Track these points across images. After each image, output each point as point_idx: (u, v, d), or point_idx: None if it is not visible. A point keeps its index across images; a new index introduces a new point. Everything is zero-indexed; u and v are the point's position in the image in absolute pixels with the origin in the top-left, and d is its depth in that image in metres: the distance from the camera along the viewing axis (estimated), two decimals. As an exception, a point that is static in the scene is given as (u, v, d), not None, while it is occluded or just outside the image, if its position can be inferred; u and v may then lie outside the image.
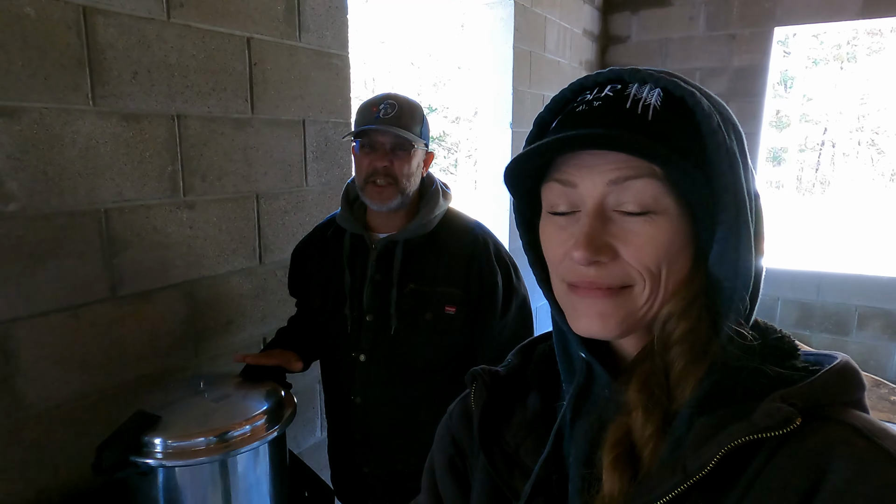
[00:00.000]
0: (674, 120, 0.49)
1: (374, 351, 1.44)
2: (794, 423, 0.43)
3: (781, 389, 0.46)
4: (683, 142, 0.49)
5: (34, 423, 1.29)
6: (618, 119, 0.49)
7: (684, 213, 0.50)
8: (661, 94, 0.50)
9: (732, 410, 0.47)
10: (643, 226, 0.49)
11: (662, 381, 0.51)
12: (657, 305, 0.51)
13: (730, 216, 0.48)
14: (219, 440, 1.17)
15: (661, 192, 0.48)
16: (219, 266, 1.66)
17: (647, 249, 0.49)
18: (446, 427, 0.69)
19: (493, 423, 0.62)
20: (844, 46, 17.94)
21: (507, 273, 1.46)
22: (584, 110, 0.52)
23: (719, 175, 0.48)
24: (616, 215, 0.50)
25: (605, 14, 4.24)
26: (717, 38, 3.96)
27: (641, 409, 0.50)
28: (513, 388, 0.65)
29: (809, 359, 0.51)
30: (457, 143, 18.34)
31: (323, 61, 1.89)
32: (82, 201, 1.33)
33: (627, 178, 0.48)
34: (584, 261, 0.49)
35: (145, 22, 1.40)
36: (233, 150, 1.65)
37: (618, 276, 0.50)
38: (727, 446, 0.44)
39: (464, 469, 0.66)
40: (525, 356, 0.67)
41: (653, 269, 0.50)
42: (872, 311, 3.84)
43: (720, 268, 0.49)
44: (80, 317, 1.34)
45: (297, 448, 2.00)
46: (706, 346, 0.50)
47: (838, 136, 19.91)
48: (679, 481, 0.45)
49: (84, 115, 1.31)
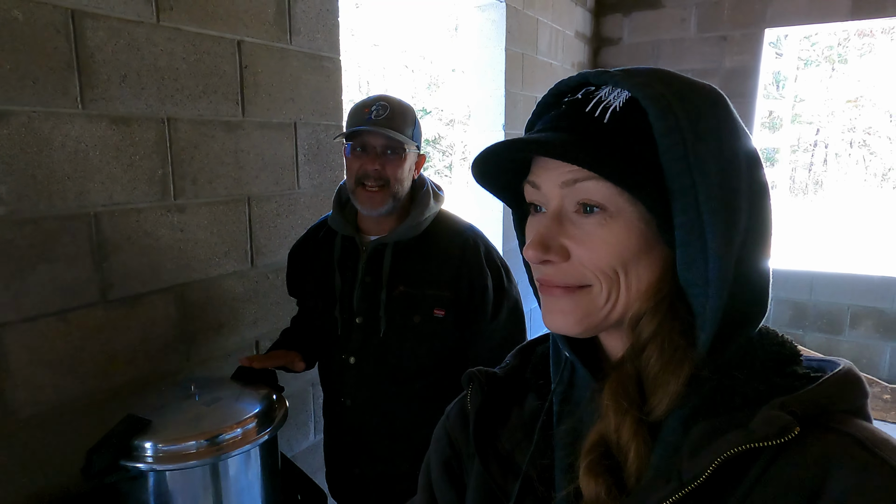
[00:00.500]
0: (632, 122, 0.48)
1: (364, 353, 1.43)
2: (792, 432, 0.42)
3: (781, 396, 0.45)
4: (639, 145, 0.48)
5: (24, 428, 1.28)
6: (570, 123, 0.50)
7: (644, 216, 0.49)
8: (628, 95, 0.49)
9: (730, 417, 0.46)
10: (596, 228, 0.49)
11: (634, 385, 0.50)
12: (620, 306, 0.51)
13: (688, 219, 0.47)
14: (210, 443, 1.17)
15: (614, 193, 0.48)
16: (210, 269, 1.65)
17: (600, 252, 0.49)
18: (444, 428, 0.68)
19: (489, 425, 0.62)
20: (836, 48, 18.07)
21: (497, 276, 1.46)
22: (553, 114, 0.53)
23: (671, 179, 0.47)
24: (575, 216, 0.51)
25: (597, 16, 4.26)
26: (708, 40, 3.98)
27: (612, 413, 0.49)
28: (510, 390, 0.65)
29: (813, 365, 0.50)
30: (451, 146, 18.35)
31: (314, 64, 1.89)
32: (72, 205, 1.32)
33: (576, 181, 0.49)
34: (534, 258, 0.51)
35: (134, 25, 1.40)
36: (224, 153, 1.65)
37: (572, 275, 0.51)
38: (723, 455, 0.43)
39: (459, 470, 0.65)
40: (524, 357, 0.67)
41: (607, 271, 0.50)
42: (864, 310, 3.86)
43: (688, 273, 0.48)
44: (70, 321, 1.34)
45: (291, 451, 2.00)
46: (682, 351, 0.49)
47: (830, 136, 20.03)
48: (674, 489, 0.45)
49: (73, 119, 1.31)
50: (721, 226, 0.46)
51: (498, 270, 1.47)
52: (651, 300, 0.50)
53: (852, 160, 20.23)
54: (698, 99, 0.49)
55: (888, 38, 17.11)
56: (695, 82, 0.50)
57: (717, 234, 0.46)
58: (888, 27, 11.17)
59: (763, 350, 0.50)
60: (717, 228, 0.46)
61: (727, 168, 0.47)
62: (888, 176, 19.96)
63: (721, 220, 0.46)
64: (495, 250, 1.50)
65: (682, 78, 0.51)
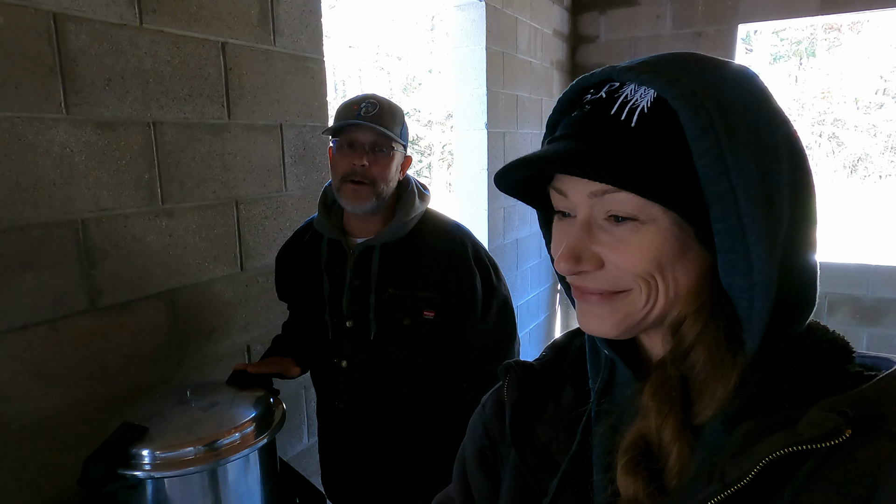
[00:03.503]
0: (662, 124, 0.45)
1: (355, 357, 1.43)
2: (842, 434, 0.40)
3: (831, 396, 0.43)
4: (670, 149, 0.45)
5: (14, 441, 1.25)
6: (595, 129, 0.48)
7: (679, 221, 0.46)
8: (655, 95, 0.46)
9: (777, 417, 0.44)
10: (629, 234, 0.47)
11: (678, 387, 0.48)
12: (658, 308, 0.49)
13: (728, 225, 0.44)
14: (208, 449, 1.16)
15: (645, 204, 0.46)
16: (200, 274, 1.64)
17: (634, 258, 0.47)
18: (480, 418, 0.67)
19: (525, 417, 0.61)
20: (803, 42, 18.46)
21: (486, 275, 1.46)
22: (576, 116, 0.51)
23: (707, 184, 0.44)
24: (605, 224, 0.49)
25: (574, 14, 4.29)
26: (683, 36, 4.04)
27: (654, 413, 0.48)
28: (547, 382, 0.63)
29: (867, 362, 0.48)
30: (430, 147, 18.35)
31: (298, 65, 1.88)
32: (58, 211, 1.30)
33: (605, 192, 0.47)
34: (567, 272, 0.49)
35: (117, 28, 1.38)
36: (210, 156, 1.63)
37: (608, 281, 0.49)
38: (768, 457, 0.41)
39: (495, 461, 0.64)
40: (561, 351, 0.66)
41: (644, 275, 0.48)
42: (841, 297, 3.95)
43: (730, 278, 0.46)
44: (59, 330, 1.31)
45: (285, 455, 1.98)
46: (730, 356, 0.47)
47: (801, 129, 20.45)
48: (716, 491, 0.42)
49: (58, 124, 1.28)
50: (763, 227, 0.44)
51: (486, 269, 1.46)
52: (692, 304, 0.49)
53: (822, 152, 20.70)
54: (730, 90, 0.45)
55: (854, 32, 17.54)
56: (725, 67, 0.47)
57: (760, 236, 0.44)
58: (855, 21, 11.45)
59: (812, 347, 0.47)
60: (759, 230, 0.44)
61: (767, 163, 0.44)
62: (857, 166, 20.45)
63: (763, 221, 0.44)
64: (483, 248, 1.50)
65: (711, 64, 0.47)
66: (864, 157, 20.13)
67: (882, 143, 19.65)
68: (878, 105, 18.88)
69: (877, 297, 3.83)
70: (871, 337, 3.91)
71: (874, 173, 20.25)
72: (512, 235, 3.61)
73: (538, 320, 4.12)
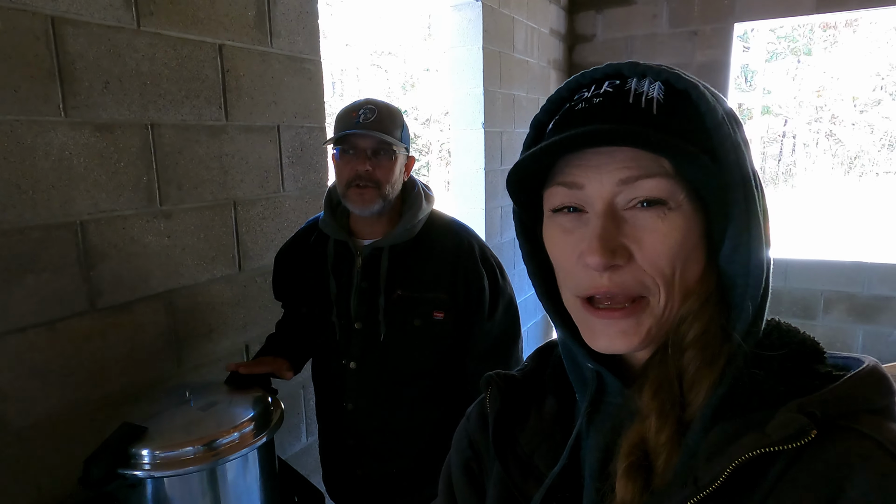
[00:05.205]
0: (679, 113, 0.47)
1: (365, 358, 1.43)
2: (808, 435, 0.41)
3: (801, 397, 0.43)
4: (691, 135, 0.46)
5: (14, 441, 1.26)
6: (623, 114, 0.47)
7: (697, 209, 0.47)
8: (663, 88, 0.48)
9: (747, 419, 0.44)
10: (657, 222, 0.46)
11: (676, 386, 0.48)
12: (675, 310, 0.49)
13: (741, 210, 0.46)
14: (207, 448, 1.17)
15: (675, 189, 0.46)
16: (199, 275, 1.65)
17: (662, 248, 0.46)
18: (464, 430, 0.67)
19: (508, 428, 0.60)
20: (801, 40, 18.48)
21: (493, 275, 1.47)
22: (584, 108, 0.49)
23: (728, 169, 0.46)
24: (628, 213, 0.47)
25: (571, 13, 4.30)
26: (679, 35, 4.05)
27: (656, 415, 0.48)
28: (529, 392, 0.63)
29: (837, 362, 0.48)
30: (427, 145, 18.35)
31: (295, 66, 1.89)
32: (57, 214, 1.31)
33: (638, 178, 0.46)
34: (600, 266, 0.46)
35: (115, 31, 1.38)
36: (208, 157, 1.64)
37: (632, 282, 0.47)
38: (738, 459, 0.42)
39: (479, 472, 0.64)
40: (542, 359, 0.66)
41: (666, 272, 0.47)
42: (837, 294, 3.97)
43: (731, 265, 0.47)
44: (59, 331, 1.32)
45: (284, 454, 1.99)
46: (719, 347, 0.48)
47: (798, 127, 20.49)
48: (689, 494, 0.43)
49: (56, 127, 1.29)
50: (758, 210, 0.47)
51: (493, 269, 1.48)
52: (696, 301, 0.49)
53: (819, 149, 20.73)
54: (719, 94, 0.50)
55: (851, 30, 17.56)
56: None
57: (758, 219, 0.46)
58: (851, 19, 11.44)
59: (782, 348, 0.48)
60: (758, 214, 0.46)
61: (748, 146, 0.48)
62: (854, 164, 20.49)
63: (759, 209, 0.47)
64: (488, 248, 1.51)
65: None
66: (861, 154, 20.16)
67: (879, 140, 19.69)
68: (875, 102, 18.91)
69: (873, 294, 3.85)
70: (866, 334, 3.93)
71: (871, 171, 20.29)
72: (509, 234, 3.62)
73: (536, 319, 4.13)
